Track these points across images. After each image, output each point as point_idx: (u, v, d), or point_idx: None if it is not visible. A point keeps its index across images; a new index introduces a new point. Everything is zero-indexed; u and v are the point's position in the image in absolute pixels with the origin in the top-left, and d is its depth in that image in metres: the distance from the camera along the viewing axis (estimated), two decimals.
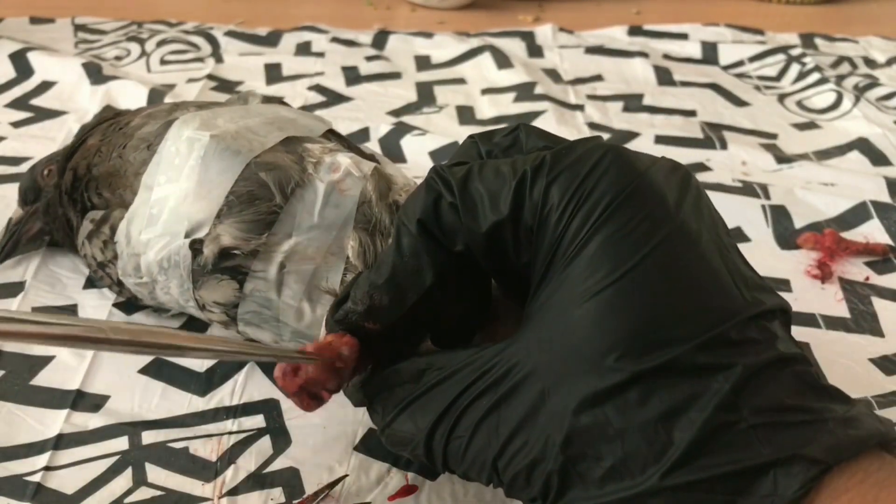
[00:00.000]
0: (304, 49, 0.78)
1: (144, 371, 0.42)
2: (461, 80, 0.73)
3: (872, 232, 0.54)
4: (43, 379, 0.42)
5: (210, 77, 0.72)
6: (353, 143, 0.47)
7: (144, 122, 0.44)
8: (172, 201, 0.40)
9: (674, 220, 0.26)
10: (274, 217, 0.39)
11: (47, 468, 0.37)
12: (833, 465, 0.24)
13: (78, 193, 0.45)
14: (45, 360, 0.43)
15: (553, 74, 0.74)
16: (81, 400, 0.41)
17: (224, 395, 0.41)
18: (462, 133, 0.64)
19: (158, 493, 0.36)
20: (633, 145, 0.59)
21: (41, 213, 0.48)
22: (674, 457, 0.24)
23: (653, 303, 0.25)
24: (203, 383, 0.42)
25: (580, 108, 0.69)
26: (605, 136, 0.64)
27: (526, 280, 0.29)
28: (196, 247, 0.39)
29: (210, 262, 0.39)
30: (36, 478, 0.36)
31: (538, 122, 0.65)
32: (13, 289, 0.47)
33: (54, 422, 0.39)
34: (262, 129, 0.42)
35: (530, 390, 0.26)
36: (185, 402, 0.41)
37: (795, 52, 0.78)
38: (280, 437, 0.39)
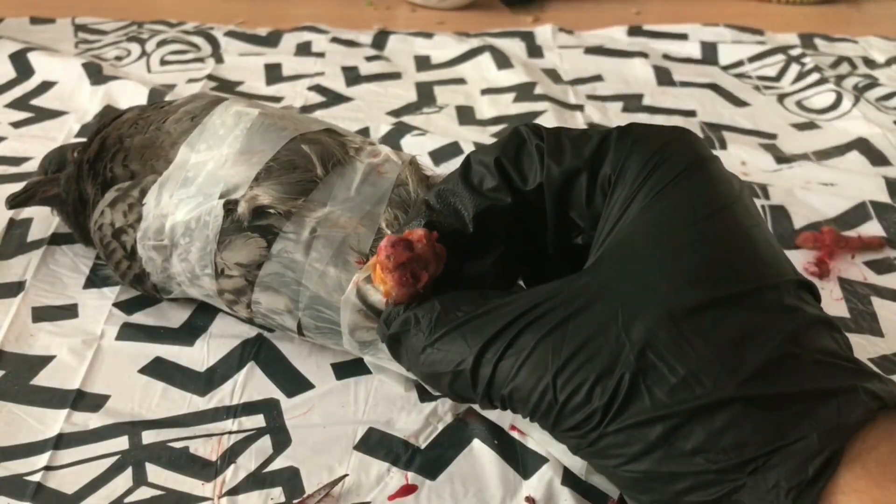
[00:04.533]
0: (304, 49, 0.78)
1: (144, 371, 0.42)
2: (461, 81, 0.73)
3: (872, 233, 0.54)
4: (43, 379, 0.42)
5: (210, 77, 0.72)
6: None
7: (189, 101, 0.46)
8: (211, 165, 0.41)
9: (738, 197, 0.30)
10: (312, 186, 0.40)
11: (47, 468, 0.37)
12: (892, 406, 0.26)
13: (101, 164, 0.45)
14: (46, 360, 0.43)
15: (553, 74, 0.74)
16: (81, 400, 0.41)
17: (224, 395, 0.41)
18: (462, 133, 0.64)
19: (158, 492, 0.36)
20: None
21: (62, 181, 0.48)
22: (746, 372, 0.26)
23: (726, 246, 0.28)
24: (203, 383, 0.42)
25: (580, 108, 0.69)
26: None
27: (573, 234, 0.32)
28: (230, 207, 0.40)
29: (245, 218, 0.39)
30: (36, 477, 0.37)
31: (538, 122, 0.65)
32: (13, 288, 0.47)
33: (54, 421, 0.39)
34: (306, 121, 0.44)
35: (602, 309, 0.27)
36: (185, 401, 0.41)
37: (795, 52, 0.78)
38: (280, 436, 0.39)
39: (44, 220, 0.53)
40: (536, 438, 0.38)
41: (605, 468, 0.29)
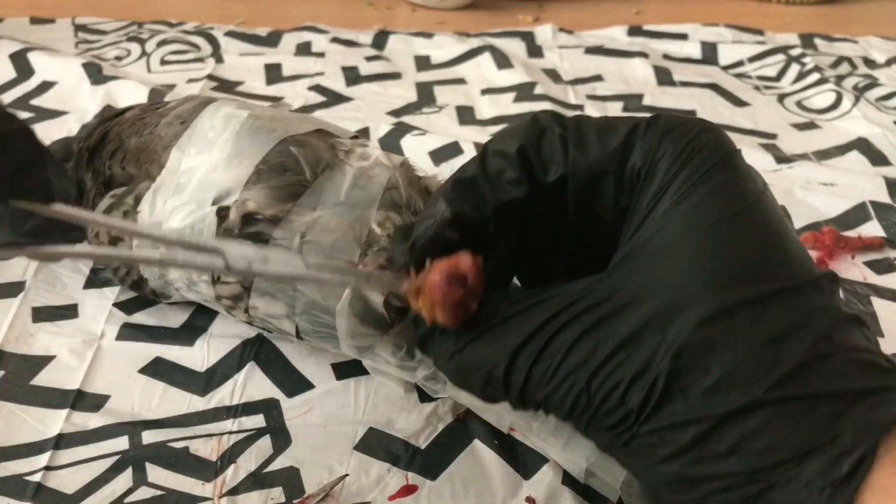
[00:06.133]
0: (304, 49, 0.78)
1: (144, 371, 0.42)
2: (461, 81, 0.73)
3: (871, 233, 0.54)
4: (43, 379, 0.42)
5: (210, 77, 0.72)
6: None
7: (181, 104, 0.46)
8: (202, 171, 0.41)
9: (763, 191, 0.29)
10: (301, 190, 0.40)
11: (48, 468, 0.37)
12: None
13: (101, 160, 0.45)
14: (46, 360, 0.43)
15: (553, 74, 0.74)
16: (81, 400, 0.41)
17: (224, 395, 0.41)
18: (462, 133, 0.64)
19: (159, 492, 0.36)
20: None
21: (72, 170, 0.48)
22: (780, 374, 0.26)
23: (757, 243, 0.28)
24: (203, 383, 0.42)
25: (580, 108, 0.69)
26: None
27: (596, 229, 0.31)
28: (223, 213, 0.39)
29: (236, 225, 0.39)
30: (36, 477, 0.37)
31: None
32: (13, 289, 0.47)
33: (54, 422, 0.39)
34: (296, 121, 0.44)
35: (637, 311, 0.27)
36: (185, 401, 0.41)
37: (795, 52, 0.78)
38: (280, 436, 0.39)
39: None
40: (534, 443, 0.38)
41: (636, 467, 0.29)
